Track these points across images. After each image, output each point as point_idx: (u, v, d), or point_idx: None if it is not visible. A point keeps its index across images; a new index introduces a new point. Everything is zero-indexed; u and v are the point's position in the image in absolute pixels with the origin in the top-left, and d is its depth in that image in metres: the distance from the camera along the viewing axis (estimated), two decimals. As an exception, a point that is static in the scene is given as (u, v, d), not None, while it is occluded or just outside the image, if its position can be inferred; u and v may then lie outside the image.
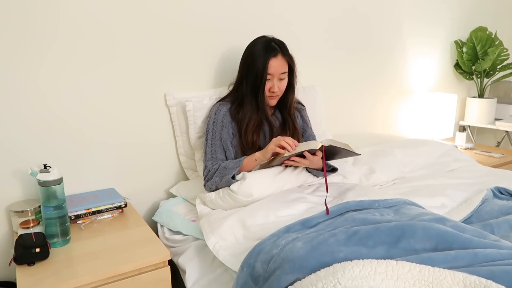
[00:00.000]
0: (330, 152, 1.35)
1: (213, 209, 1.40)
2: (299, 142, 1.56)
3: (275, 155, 1.36)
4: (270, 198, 1.33)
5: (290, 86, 1.54)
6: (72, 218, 1.34)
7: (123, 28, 1.51)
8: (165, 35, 1.60)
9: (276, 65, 1.44)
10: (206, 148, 1.49)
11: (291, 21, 1.92)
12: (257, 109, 1.49)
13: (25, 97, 1.38)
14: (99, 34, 1.47)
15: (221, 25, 1.73)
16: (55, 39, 1.39)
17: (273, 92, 1.48)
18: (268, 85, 1.46)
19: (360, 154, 1.37)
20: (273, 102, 1.53)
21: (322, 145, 1.26)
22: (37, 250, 1.10)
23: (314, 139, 1.63)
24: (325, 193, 1.33)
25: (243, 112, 1.49)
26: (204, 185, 1.45)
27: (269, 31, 1.64)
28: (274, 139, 1.35)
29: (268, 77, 1.45)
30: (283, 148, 1.31)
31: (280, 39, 1.50)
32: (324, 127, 1.96)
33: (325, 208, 1.19)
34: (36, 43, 1.36)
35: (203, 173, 1.46)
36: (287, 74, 1.49)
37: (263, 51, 1.43)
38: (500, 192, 1.52)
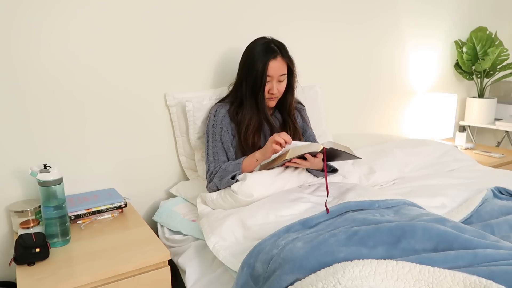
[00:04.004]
0: (331, 155, 1.35)
1: (214, 209, 1.40)
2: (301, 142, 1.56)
3: (276, 152, 1.36)
4: (270, 198, 1.33)
5: (289, 88, 1.54)
6: (72, 218, 1.34)
7: (123, 28, 1.51)
8: (165, 35, 1.60)
9: (276, 67, 1.44)
10: (207, 151, 1.49)
11: (290, 21, 1.92)
12: (257, 110, 1.49)
13: (24, 98, 1.38)
14: (98, 35, 1.47)
15: (221, 25, 1.73)
16: (53, 39, 1.40)
17: (272, 93, 1.48)
18: (267, 86, 1.46)
19: (360, 158, 1.37)
20: (272, 103, 1.53)
21: (323, 148, 1.26)
22: (37, 250, 1.10)
23: (314, 139, 1.63)
24: (325, 193, 1.33)
25: (243, 113, 1.49)
26: (207, 187, 1.46)
27: (268, 31, 1.64)
28: (271, 138, 1.33)
29: (268, 79, 1.45)
30: (279, 144, 1.30)
31: (279, 39, 1.50)
32: (324, 127, 1.96)
33: (325, 208, 1.19)
34: (34, 44, 1.37)
35: (206, 175, 1.47)
36: (286, 75, 1.49)
37: (262, 53, 1.43)
38: (500, 192, 1.52)
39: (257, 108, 1.49)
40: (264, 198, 1.34)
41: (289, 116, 1.57)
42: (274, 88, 1.46)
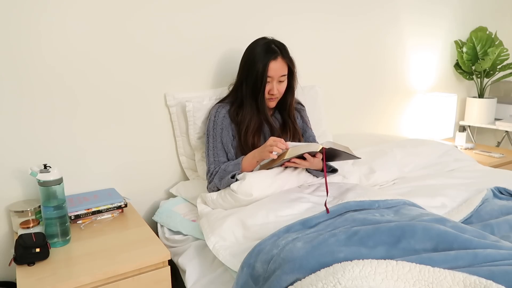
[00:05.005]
0: (330, 154, 1.35)
1: (214, 209, 1.40)
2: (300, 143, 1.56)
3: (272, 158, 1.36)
4: (270, 198, 1.33)
5: (290, 88, 1.54)
6: (72, 218, 1.35)
7: (123, 28, 1.51)
8: (165, 35, 1.60)
9: (276, 67, 1.44)
10: (208, 151, 1.49)
11: (290, 20, 1.92)
12: (257, 111, 1.49)
13: (24, 96, 1.38)
14: (98, 35, 1.47)
15: (221, 25, 1.73)
16: (54, 37, 1.40)
17: (272, 94, 1.48)
18: (267, 87, 1.46)
19: (360, 158, 1.37)
20: (272, 104, 1.53)
21: (322, 147, 1.26)
22: (37, 250, 1.10)
23: (314, 139, 1.63)
24: (325, 193, 1.33)
25: (243, 114, 1.49)
26: (207, 188, 1.47)
27: (270, 32, 1.64)
28: (269, 139, 1.32)
29: (268, 79, 1.45)
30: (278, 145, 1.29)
31: (279, 39, 1.50)
32: (324, 127, 1.96)
33: (325, 208, 1.19)
34: (35, 42, 1.37)
35: (206, 176, 1.47)
36: (286, 76, 1.49)
37: (263, 54, 1.43)
38: (500, 192, 1.52)
39: (257, 108, 1.49)
40: (264, 197, 1.34)
41: (289, 117, 1.57)
42: (274, 88, 1.46)
